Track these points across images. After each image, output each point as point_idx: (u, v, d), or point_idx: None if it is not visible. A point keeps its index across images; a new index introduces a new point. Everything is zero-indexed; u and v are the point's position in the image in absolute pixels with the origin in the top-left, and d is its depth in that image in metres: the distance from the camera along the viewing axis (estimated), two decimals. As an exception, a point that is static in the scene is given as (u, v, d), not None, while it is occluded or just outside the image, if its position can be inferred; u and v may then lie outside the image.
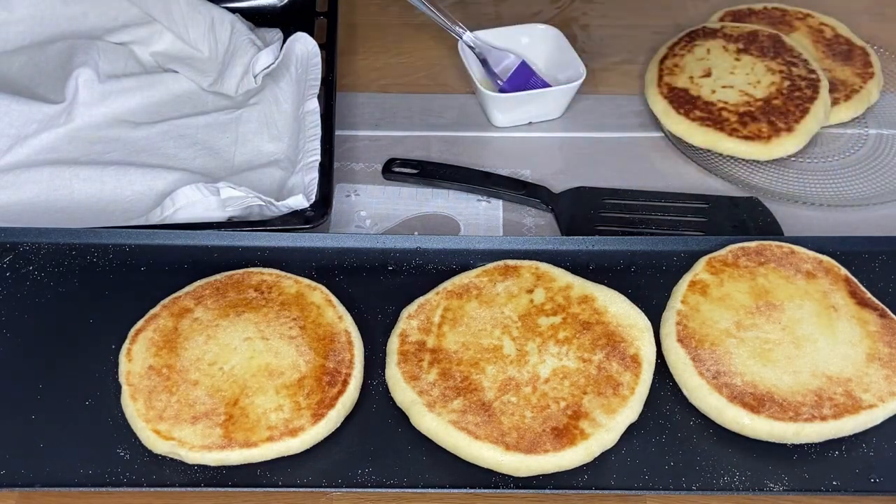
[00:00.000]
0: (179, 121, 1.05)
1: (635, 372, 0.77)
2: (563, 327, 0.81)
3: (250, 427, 0.73)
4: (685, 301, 0.82)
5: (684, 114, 1.05)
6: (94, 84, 1.05)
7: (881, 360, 0.78)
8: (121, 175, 0.98)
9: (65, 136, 1.03)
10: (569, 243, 0.90)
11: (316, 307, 0.82)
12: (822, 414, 0.74)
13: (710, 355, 0.78)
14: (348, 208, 0.99)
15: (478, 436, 0.73)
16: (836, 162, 1.05)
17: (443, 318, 0.82)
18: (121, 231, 0.89)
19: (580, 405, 0.75)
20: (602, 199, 0.98)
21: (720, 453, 0.75)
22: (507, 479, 0.73)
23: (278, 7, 1.19)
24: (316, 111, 0.99)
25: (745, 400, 0.75)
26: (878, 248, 0.90)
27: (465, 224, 0.98)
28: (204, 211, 0.91)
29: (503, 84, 1.07)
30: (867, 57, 1.13)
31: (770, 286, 0.84)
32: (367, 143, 1.06)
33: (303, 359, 0.78)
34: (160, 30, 1.13)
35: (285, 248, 0.89)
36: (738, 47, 1.12)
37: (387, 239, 0.90)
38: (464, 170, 1.01)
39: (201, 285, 0.84)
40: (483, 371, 0.77)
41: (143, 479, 0.72)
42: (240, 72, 1.07)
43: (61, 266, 0.87)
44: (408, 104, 1.11)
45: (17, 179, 0.97)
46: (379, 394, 0.79)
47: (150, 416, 0.74)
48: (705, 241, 0.90)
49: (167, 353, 0.79)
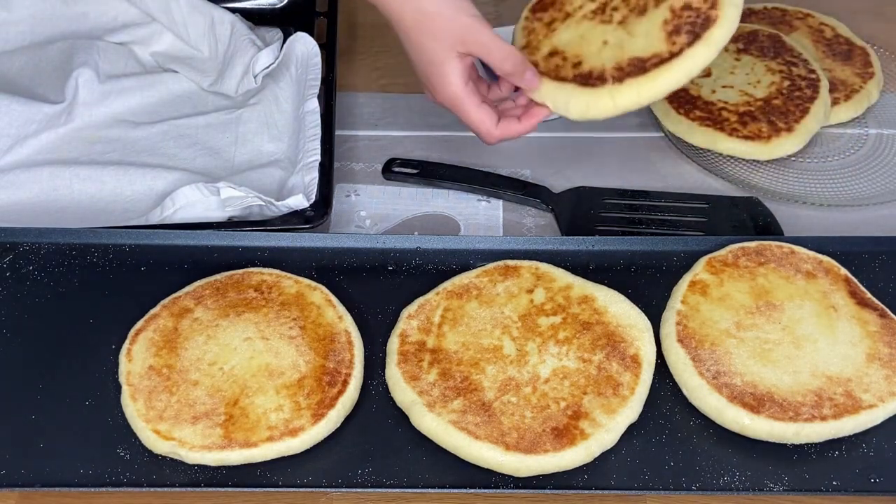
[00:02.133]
0: (179, 121, 1.05)
1: (635, 372, 0.77)
2: (563, 327, 0.81)
3: (250, 427, 0.73)
4: (685, 301, 0.82)
5: (684, 114, 1.05)
6: (94, 84, 1.05)
7: (881, 360, 0.78)
8: (121, 175, 0.98)
9: (65, 136, 1.02)
10: (569, 243, 0.90)
11: (316, 307, 0.82)
12: (822, 414, 0.74)
13: (710, 355, 0.78)
14: (348, 208, 0.99)
15: (478, 436, 0.73)
16: (836, 162, 1.05)
17: (443, 318, 0.82)
18: (121, 231, 0.89)
19: (580, 405, 0.75)
20: (602, 199, 0.98)
21: (720, 453, 0.75)
22: (507, 479, 0.73)
23: (278, 7, 1.19)
24: (316, 111, 0.99)
25: (745, 400, 0.75)
26: (878, 248, 0.90)
27: (465, 224, 0.98)
28: (204, 211, 0.91)
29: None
30: (867, 57, 1.13)
31: (770, 286, 0.84)
32: (367, 143, 1.06)
33: (303, 359, 0.78)
34: (160, 30, 1.13)
35: (285, 248, 0.89)
36: (738, 47, 1.12)
37: (387, 239, 0.90)
38: (464, 170, 1.01)
39: (201, 285, 0.84)
40: (483, 371, 0.77)
41: (143, 479, 0.72)
42: (240, 72, 1.07)
43: (61, 266, 0.87)
44: (408, 104, 1.11)
45: (17, 179, 0.97)
46: (379, 394, 0.79)
47: (150, 416, 0.74)
48: (705, 241, 0.90)
49: (167, 353, 0.79)
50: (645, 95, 0.83)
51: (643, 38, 0.84)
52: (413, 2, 0.82)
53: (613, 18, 0.87)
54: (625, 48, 0.84)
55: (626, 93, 0.83)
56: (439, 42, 0.82)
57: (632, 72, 0.83)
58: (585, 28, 0.88)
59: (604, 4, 0.88)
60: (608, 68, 0.84)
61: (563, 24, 0.89)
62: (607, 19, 0.87)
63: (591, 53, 0.86)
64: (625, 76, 0.83)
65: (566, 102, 0.86)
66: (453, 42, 0.82)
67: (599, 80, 0.84)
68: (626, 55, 0.84)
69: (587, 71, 0.85)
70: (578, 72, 0.86)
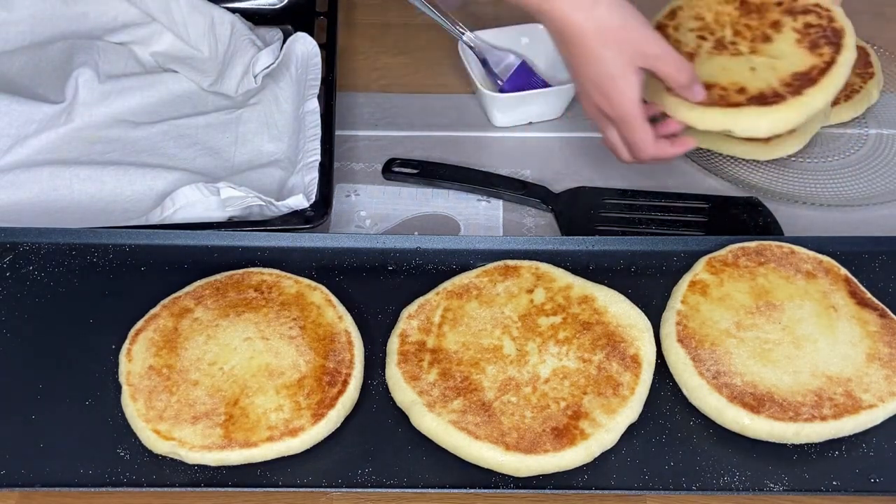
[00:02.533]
0: (179, 121, 1.05)
1: (635, 372, 0.77)
2: (563, 327, 0.81)
3: (250, 427, 0.73)
4: (685, 301, 0.82)
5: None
6: (94, 84, 1.05)
7: (881, 360, 0.78)
8: (121, 175, 0.98)
9: (65, 136, 1.02)
10: (569, 243, 0.90)
11: (316, 307, 0.82)
12: (822, 414, 0.74)
13: (710, 355, 0.78)
14: (348, 208, 0.99)
15: (478, 436, 0.73)
16: (836, 162, 1.05)
17: (443, 318, 0.82)
18: (121, 231, 0.89)
19: (580, 405, 0.75)
20: (602, 199, 0.98)
21: (720, 453, 0.75)
22: (507, 479, 0.73)
23: (278, 7, 1.19)
24: (316, 111, 0.99)
25: (745, 400, 0.75)
26: (878, 248, 0.90)
27: (465, 224, 0.98)
28: (204, 211, 0.91)
29: (503, 84, 1.07)
30: (867, 57, 1.12)
31: (770, 286, 0.84)
32: (367, 143, 1.06)
33: (303, 359, 0.78)
34: (160, 30, 1.13)
35: (285, 248, 0.89)
36: None
37: (387, 239, 0.90)
38: (464, 170, 1.01)
39: (201, 285, 0.84)
40: (483, 371, 0.77)
41: (143, 479, 0.72)
42: (240, 72, 1.07)
43: (61, 266, 0.87)
44: (408, 104, 1.11)
45: (17, 179, 0.97)
46: (379, 394, 0.79)
47: (150, 416, 0.74)
48: (705, 241, 0.90)
49: (167, 353, 0.79)
50: (823, 100, 0.94)
51: (789, 57, 0.96)
52: (596, 15, 0.84)
53: (741, 50, 0.98)
54: (778, 68, 0.95)
55: (808, 102, 0.93)
56: (622, 55, 0.84)
57: (802, 84, 0.93)
58: (720, 62, 0.98)
59: (718, 41, 1.00)
60: (778, 87, 0.94)
61: (695, 62, 0.97)
62: (736, 52, 0.98)
63: (748, 79, 0.95)
64: (799, 89, 0.93)
65: (754, 123, 0.93)
66: (633, 55, 0.85)
67: (778, 98, 0.93)
68: (786, 73, 0.95)
69: (758, 93, 0.94)
70: (750, 95, 0.94)
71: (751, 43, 0.99)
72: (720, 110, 0.93)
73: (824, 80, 0.94)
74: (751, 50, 0.98)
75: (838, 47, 0.96)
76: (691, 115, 0.93)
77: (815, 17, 0.99)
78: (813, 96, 0.93)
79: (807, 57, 0.96)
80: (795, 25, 0.99)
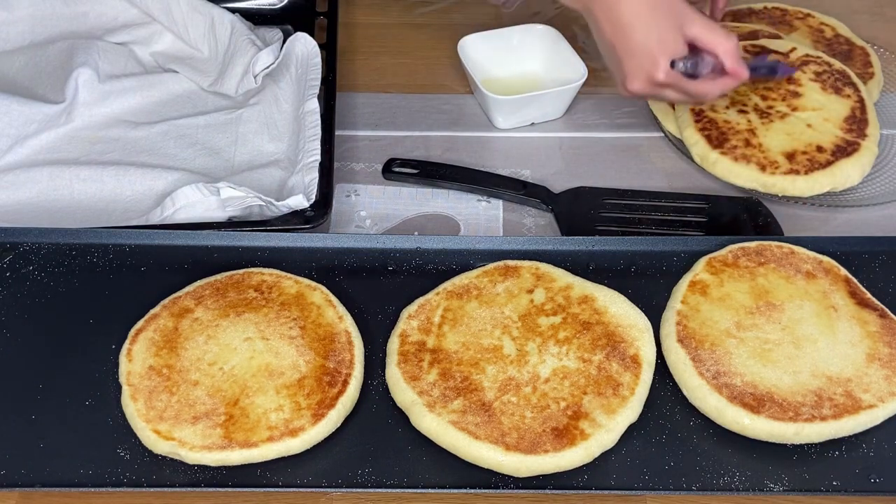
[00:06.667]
0: (179, 121, 1.05)
1: (635, 372, 0.77)
2: (563, 327, 0.81)
3: (250, 427, 0.73)
4: (685, 301, 0.82)
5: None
6: (94, 84, 1.05)
7: (881, 360, 0.78)
8: (121, 175, 0.98)
9: (65, 136, 1.02)
10: (569, 243, 0.90)
11: (316, 307, 0.82)
12: (822, 414, 0.74)
13: (710, 355, 0.78)
14: (348, 208, 0.99)
15: (478, 436, 0.73)
16: (836, 162, 1.05)
17: (443, 318, 0.82)
18: (121, 231, 0.89)
19: (580, 405, 0.75)
20: (602, 199, 0.98)
21: (720, 453, 0.75)
22: (507, 479, 0.73)
23: (278, 7, 1.19)
24: (316, 111, 0.99)
25: (745, 400, 0.75)
26: (878, 249, 0.90)
27: (465, 224, 0.98)
28: (204, 211, 0.91)
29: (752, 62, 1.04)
30: (867, 57, 1.12)
31: (770, 286, 0.84)
32: (367, 143, 1.06)
33: (303, 359, 0.78)
34: (160, 30, 1.13)
35: (285, 248, 0.89)
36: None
37: (387, 239, 0.90)
38: (464, 170, 1.01)
39: (201, 285, 0.84)
40: (483, 371, 0.77)
41: (144, 479, 0.72)
42: (240, 72, 1.07)
43: (61, 266, 0.87)
44: (408, 104, 1.11)
45: (17, 179, 0.97)
46: (379, 394, 0.79)
47: (150, 416, 0.74)
48: (705, 241, 0.90)
49: (167, 353, 0.79)
50: (877, 131, 1.02)
51: (828, 105, 1.03)
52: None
53: (782, 110, 1.03)
54: (830, 118, 1.02)
55: (873, 137, 1.01)
56: (674, 20, 0.91)
57: (859, 125, 1.01)
58: (779, 129, 1.01)
59: (757, 109, 1.04)
60: (842, 134, 1.01)
61: (757, 136, 1.01)
62: (782, 114, 1.03)
63: (816, 137, 1.00)
64: (860, 131, 1.01)
65: (849, 174, 0.98)
66: (681, 24, 0.92)
67: (854, 144, 1.00)
68: (839, 120, 1.02)
69: (834, 147, 0.99)
70: (831, 150, 0.99)
71: (784, 102, 1.04)
72: (819, 173, 0.97)
73: (870, 117, 1.02)
74: (791, 108, 1.03)
75: (855, 86, 1.05)
76: (795, 186, 0.97)
77: (816, 66, 1.06)
78: (872, 133, 1.01)
79: (840, 101, 1.03)
80: (810, 77, 1.05)
